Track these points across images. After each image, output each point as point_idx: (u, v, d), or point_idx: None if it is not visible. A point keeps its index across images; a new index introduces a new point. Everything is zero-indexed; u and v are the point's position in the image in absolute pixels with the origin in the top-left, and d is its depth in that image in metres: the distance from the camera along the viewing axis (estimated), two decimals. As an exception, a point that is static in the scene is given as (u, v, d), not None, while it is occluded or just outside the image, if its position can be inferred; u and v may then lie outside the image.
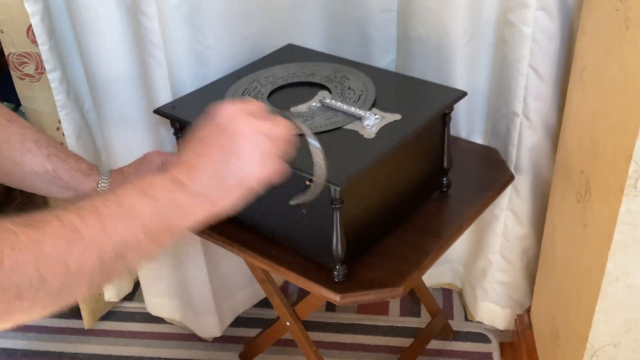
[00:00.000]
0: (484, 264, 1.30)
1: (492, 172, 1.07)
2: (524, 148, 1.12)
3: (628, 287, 0.81)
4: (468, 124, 1.18)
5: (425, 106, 0.91)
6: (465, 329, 1.39)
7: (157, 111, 0.95)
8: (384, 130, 0.85)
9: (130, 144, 1.14)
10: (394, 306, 1.46)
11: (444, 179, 0.99)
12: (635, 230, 0.76)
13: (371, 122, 0.86)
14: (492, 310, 1.35)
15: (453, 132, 1.09)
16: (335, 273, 0.84)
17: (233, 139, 0.64)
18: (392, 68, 1.21)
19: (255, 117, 0.65)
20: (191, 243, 1.24)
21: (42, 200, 1.41)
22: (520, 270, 1.27)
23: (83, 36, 1.04)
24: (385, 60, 1.21)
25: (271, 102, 0.93)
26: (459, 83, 1.10)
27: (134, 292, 1.52)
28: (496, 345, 1.36)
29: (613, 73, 0.78)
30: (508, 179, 1.06)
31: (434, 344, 1.35)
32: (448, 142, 0.96)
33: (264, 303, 1.44)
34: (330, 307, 1.47)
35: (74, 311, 1.41)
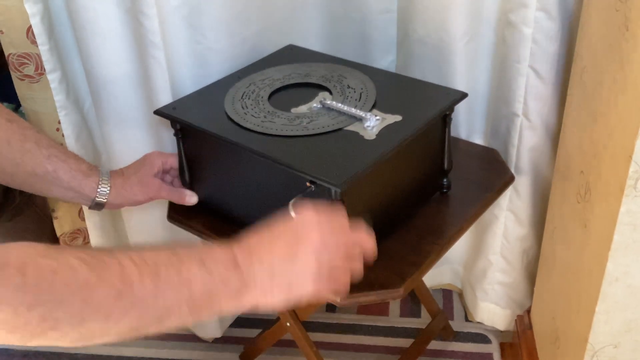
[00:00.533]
0: (484, 265, 1.30)
1: (492, 173, 1.06)
2: (524, 149, 1.12)
3: (628, 288, 0.81)
4: (468, 125, 1.18)
5: (425, 107, 0.91)
6: (465, 330, 1.39)
7: (158, 112, 0.95)
8: (385, 131, 0.85)
9: (130, 145, 1.14)
10: (394, 307, 1.46)
11: (444, 180, 0.99)
12: (635, 230, 0.76)
13: (372, 123, 0.86)
14: (493, 310, 1.35)
15: (453, 133, 1.09)
16: (335, 274, 0.84)
17: (299, 244, 0.64)
18: (392, 69, 1.21)
19: (332, 232, 0.65)
20: (191, 243, 1.23)
21: (42, 200, 1.41)
22: (520, 270, 1.27)
23: (83, 37, 1.04)
24: (385, 61, 1.21)
25: (272, 104, 0.93)
26: (459, 84, 1.10)
27: (134, 293, 1.52)
28: (496, 345, 1.36)
29: (613, 74, 0.78)
30: (508, 180, 1.06)
31: (434, 345, 1.35)
32: (449, 143, 0.96)
33: (264, 304, 1.44)
34: (330, 308, 1.47)
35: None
